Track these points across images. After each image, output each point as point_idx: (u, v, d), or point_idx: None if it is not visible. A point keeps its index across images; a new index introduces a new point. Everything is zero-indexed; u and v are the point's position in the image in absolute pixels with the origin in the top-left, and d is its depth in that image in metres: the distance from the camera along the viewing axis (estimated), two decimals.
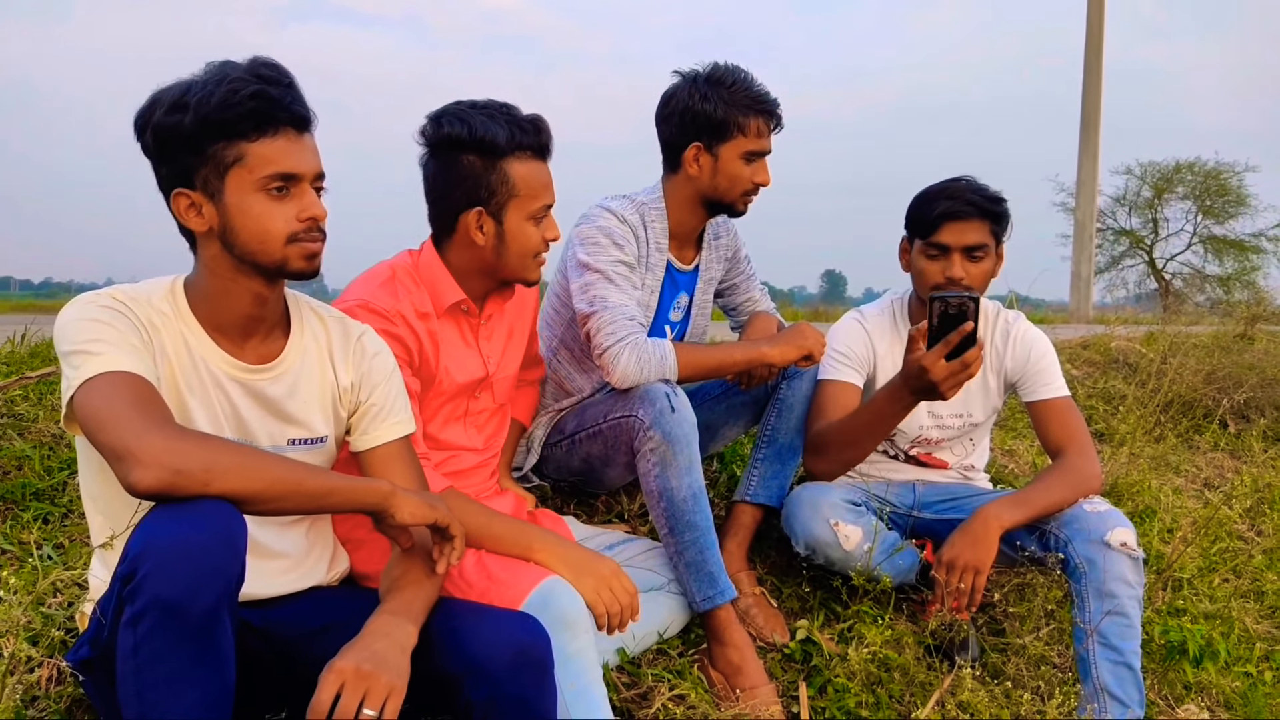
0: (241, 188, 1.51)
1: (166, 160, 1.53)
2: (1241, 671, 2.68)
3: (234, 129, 1.49)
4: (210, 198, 1.52)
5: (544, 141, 2.00)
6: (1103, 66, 17.71)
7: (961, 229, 2.37)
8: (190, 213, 1.54)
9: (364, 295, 1.95)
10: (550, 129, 2.01)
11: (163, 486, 1.31)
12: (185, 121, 1.47)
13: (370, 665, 1.41)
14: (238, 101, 1.47)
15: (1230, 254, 26.48)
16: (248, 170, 1.51)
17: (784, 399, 2.58)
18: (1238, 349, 5.42)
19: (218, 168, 1.51)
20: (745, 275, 2.84)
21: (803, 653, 2.37)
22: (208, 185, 1.52)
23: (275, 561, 1.69)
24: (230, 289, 1.58)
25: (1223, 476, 4.36)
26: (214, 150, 1.49)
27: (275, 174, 1.52)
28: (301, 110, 1.55)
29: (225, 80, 1.48)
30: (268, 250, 1.54)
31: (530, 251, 2.03)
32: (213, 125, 1.48)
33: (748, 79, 2.44)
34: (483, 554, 1.92)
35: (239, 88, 1.48)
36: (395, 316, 1.95)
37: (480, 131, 1.93)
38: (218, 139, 1.49)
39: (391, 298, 1.97)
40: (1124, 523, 2.23)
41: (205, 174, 1.51)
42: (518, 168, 1.96)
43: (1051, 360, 2.53)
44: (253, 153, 1.50)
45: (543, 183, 2.00)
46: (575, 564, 1.90)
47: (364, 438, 1.76)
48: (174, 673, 1.28)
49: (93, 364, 1.41)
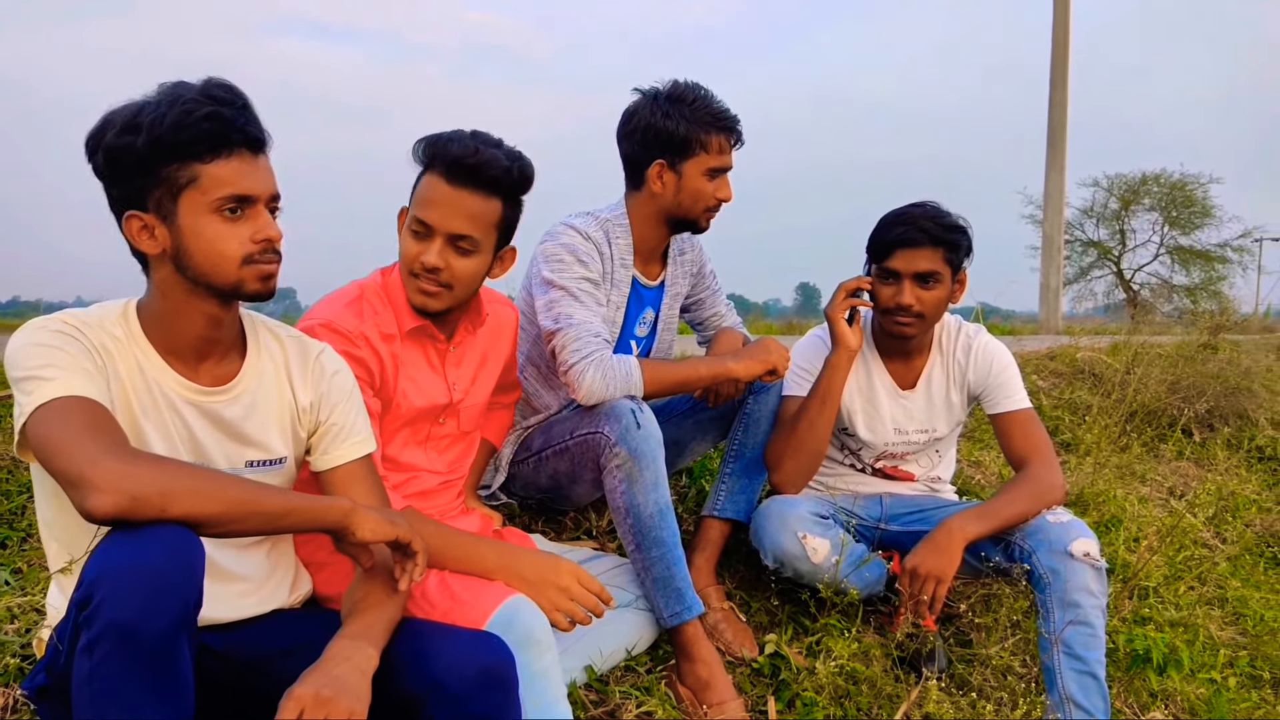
0: (195, 209, 1.50)
1: (118, 181, 1.51)
2: (1206, 678, 2.71)
3: (187, 150, 1.47)
4: (163, 219, 1.50)
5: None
6: (1068, 80, 17.93)
7: (913, 256, 2.40)
8: (143, 235, 1.52)
9: (328, 315, 1.93)
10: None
11: (119, 512, 1.29)
12: (138, 143, 1.46)
13: (330, 691, 1.39)
14: (192, 123, 1.46)
15: (1196, 264, 26.93)
16: (201, 192, 1.50)
17: (750, 414, 2.60)
18: (1201, 358, 5.50)
19: (171, 189, 1.49)
20: (711, 290, 2.86)
21: (771, 666, 2.38)
22: (160, 207, 1.50)
23: (235, 585, 1.67)
24: (183, 311, 1.57)
25: (1187, 485, 4.41)
26: (167, 172, 1.48)
27: (229, 195, 1.51)
28: (256, 132, 1.54)
29: (178, 101, 1.47)
30: (222, 272, 1.53)
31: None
32: (166, 146, 1.46)
33: (708, 96, 2.46)
34: (445, 574, 1.90)
35: (193, 109, 1.46)
36: (358, 338, 1.93)
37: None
38: (171, 160, 1.47)
39: (356, 318, 1.95)
40: (1086, 533, 2.26)
41: (158, 195, 1.50)
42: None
43: (1013, 373, 2.56)
44: (206, 174, 1.49)
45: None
46: (532, 578, 1.88)
47: (324, 457, 1.75)
48: (130, 698, 1.26)
49: (45, 389, 1.39)
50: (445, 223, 1.92)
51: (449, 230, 1.92)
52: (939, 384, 2.61)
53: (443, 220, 1.92)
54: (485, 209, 1.93)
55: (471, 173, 1.90)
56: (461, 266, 1.95)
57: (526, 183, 2.00)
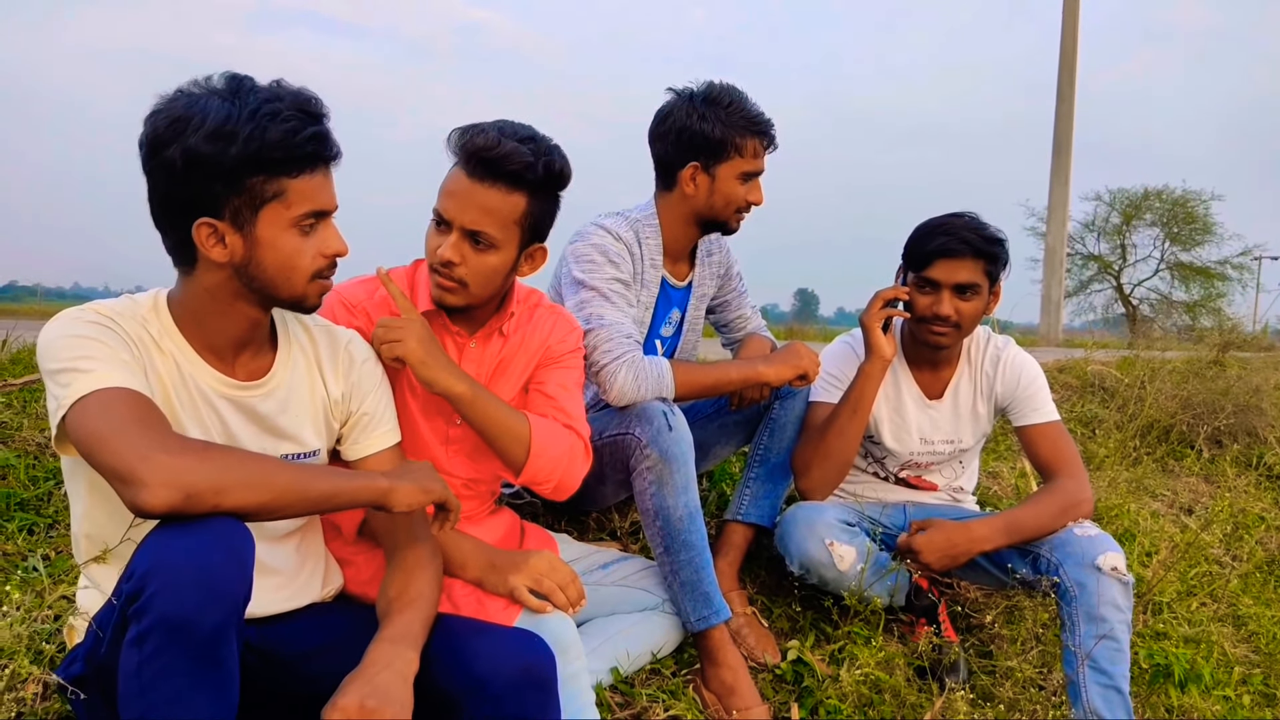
0: (276, 223, 1.48)
1: (191, 186, 1.44)
2: (1220, 695, 2.71)
3: (282, 166, 1.45)
4: (238, 229, 1.47)
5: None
6: (1075, 93, 18.00)
7: (954, 266, 2.39)
8: (211, 241, 1.47)
9: (340, 286, 1.93)
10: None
11: (173, 507, 1.28)
12: (230, 151, 1.41)
13: (374, 701, 1.39)
14: (298, 143, 1.44)
15: (1196, 281, 27.00)
16: (285, 206, 1.48)
17: (777, 419, 2.59)
18: (1211, 375, 5.51)
19: (252, 201, 1.46)
20: (737, 292, 2.85)
21: (794, 673, 2.37)
22: (238, 216, 1.46)
23: (271, 578, 1.66)
24: (227, 313, 1.55)
25: (1197, 500, 4.42)
26: (253, 183, 1.45)
27: (311, 211, 1.50)
28: (339, 149, 1.53)
29: (278, 116, 1.43)
30: (291, 285, 1.53)
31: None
32: (263, 161, 1.43)
33: (743, 99, 2.46)
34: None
35: (298, 128, 1.44)
36: (358, 310, 1.93)
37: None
38: (260, 173, 1.45)
39: (365, 294, 1.96)
40: (1114, 547, 2.25)
41: (237, 204, 1.46)
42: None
43: (1041, 385, 2.55)
44: (294, 189, 1.48)
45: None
46: (501, 567, 1.91)
47: (355, 447, 1.75)
48: (179, 693, 1.25)
49: (84, 381, 1.36)
50: (461, 216, 1.86)
51: (465, 224, 1.86)
52: (966, 395, 2.60)
53: (458, 213, 1.86)
54: (505, 204, 1.85)
55: (491, 166, 1.83)
56: (478, 263, 1.88)
57: (556, 179, 1.91)
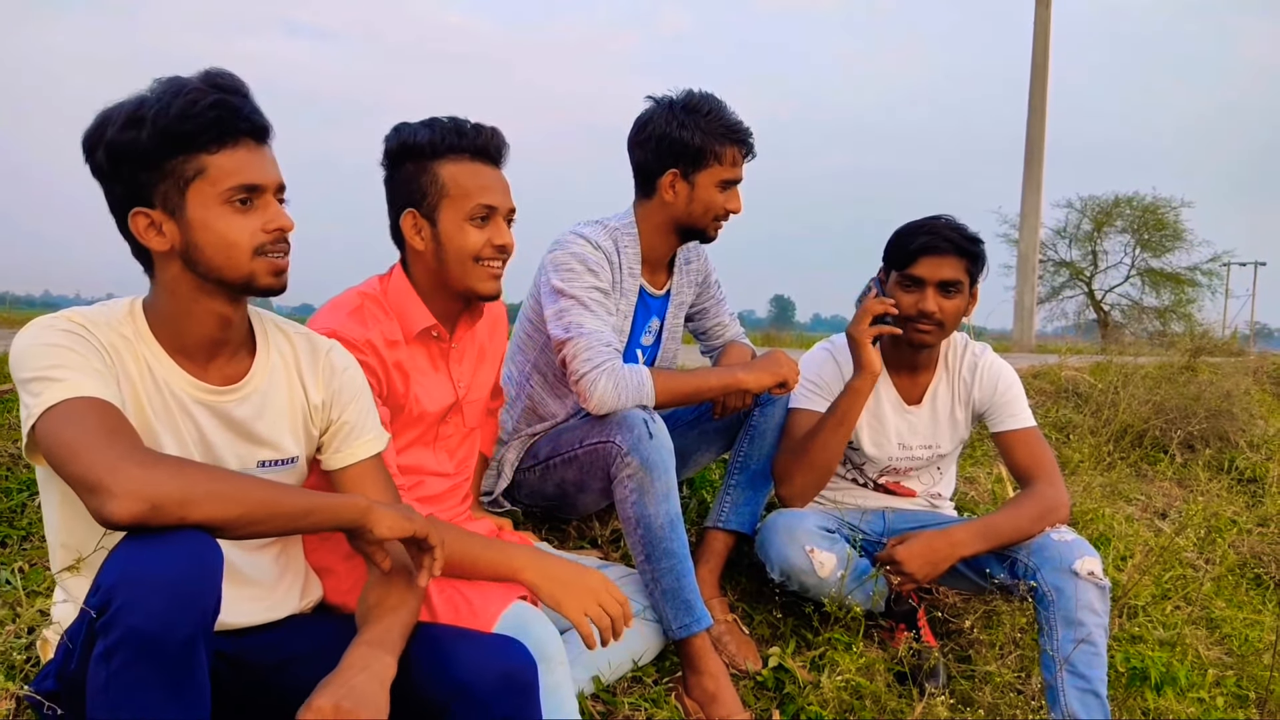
0: (204, 201, 1.46)
1: (121, 179, 1.46)
2: (1195, 697, 2.74)
3: (193, 141, 1.44)
4: (171, 215, 1.46)
5: (482, 143, 1.97)
6: (1047, 102, 18.18)
7: (938, 263, 2.42)
8: (150, 232, 1.47)
9: (332, 324, 1.89)
10: (499, 136, 1.99)
11: (139, 518, 1.26)
12: (142, 137, 1.42)
13: (349, 702, 1.37)
14: (197, 112, 1.43)
15: (1167, 287, 27.35)
16: (210, 183, 1.46)
17: (757, 426, 2.59)
18: (1183, 380, 5.58)
19: (178, 183, 1.45)
20: (716, 300, 2.85)
21: (775, 680, 2.37)
22: (168, 201, 1.46)
23: (248, 589, 1.64)
24: (192, 310, 1.53)
25: (1171, 505, 4.47)
26: (173, 165, 1.44)
27: (239, 185, 1.47)
28: (260, 120, 1.51)
29: (182, 92, 1.43)
30: (234, 264, 1.49)
31: (468, 254, 1.94)
32: (171, 138, 1.43)
33: (722, 107, 2.46)
34: (449, 582, 1.87)
35: (197, 98, 1.43)
36: (365, 346, 1.89)
37: (407, 136, 1.94)
38: (177, 152, 1.44)
39: (361, 326, 1.92)
40: (1090, 552, 2.27)
41: (164, 190, 1.46)
42: (449, 169, 1.93)
43: (1018, 392, 2.58)
44: (214, 164, 1.46)
45: (480, 183, 1.94)
46: (563, 578, 1.82)
47: (336, 456, 1.72)
48: (149, 707, 1.23)
49: (55, 390, 1.35)
50: (506, 200, 1.98)
51: (509, 207, 1.99)
52: (944, 400, 2.62)
53: (504, 199, 1.98)
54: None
55: (500, 151, 1.99)
56: (513, 241, 2.03)
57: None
